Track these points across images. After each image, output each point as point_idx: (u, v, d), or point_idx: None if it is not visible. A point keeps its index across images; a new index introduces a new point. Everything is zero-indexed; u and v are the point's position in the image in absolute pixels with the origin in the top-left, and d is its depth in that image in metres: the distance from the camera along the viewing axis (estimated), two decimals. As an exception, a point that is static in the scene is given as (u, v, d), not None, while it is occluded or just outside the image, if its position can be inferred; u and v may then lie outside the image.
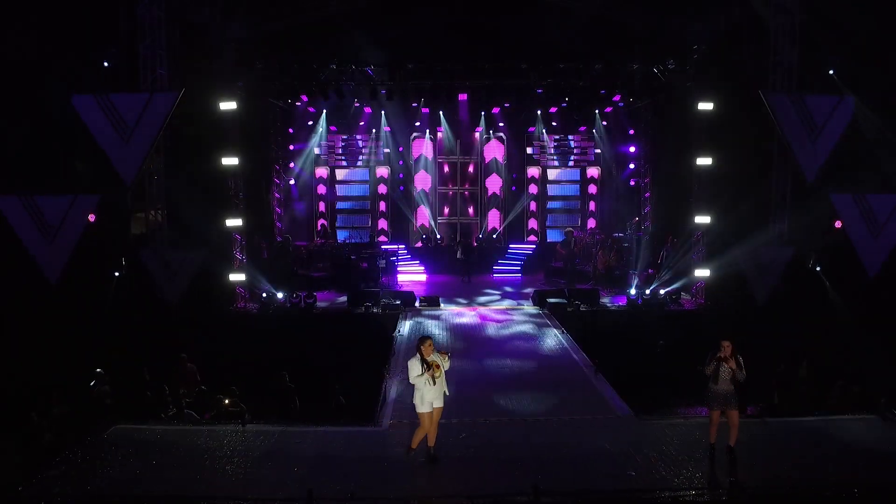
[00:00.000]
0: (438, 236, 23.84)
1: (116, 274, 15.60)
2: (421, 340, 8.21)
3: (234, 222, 16.75)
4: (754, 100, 15.38)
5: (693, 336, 14.54)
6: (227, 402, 11.38)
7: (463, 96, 20.32)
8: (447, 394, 8.28)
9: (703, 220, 17.00)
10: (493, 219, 24.26)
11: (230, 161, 16.53)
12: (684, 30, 17.31)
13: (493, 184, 24.19)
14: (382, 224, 24.09)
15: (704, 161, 16.84)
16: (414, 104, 21.73)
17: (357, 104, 22.21)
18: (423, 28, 17.91)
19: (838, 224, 15.88)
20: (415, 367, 8.03)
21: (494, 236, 23.85)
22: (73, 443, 8.78)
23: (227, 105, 16.33)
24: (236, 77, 16.81)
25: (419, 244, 23.70)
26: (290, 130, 22.57)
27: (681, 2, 16.92)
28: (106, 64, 15.66)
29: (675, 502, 7.31)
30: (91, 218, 15.07)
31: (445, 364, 8.22)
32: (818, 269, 16.29)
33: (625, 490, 7.67)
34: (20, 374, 11.93)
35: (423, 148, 23.83)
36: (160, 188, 16.11)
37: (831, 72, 15.91)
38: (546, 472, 7.97)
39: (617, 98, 20.33)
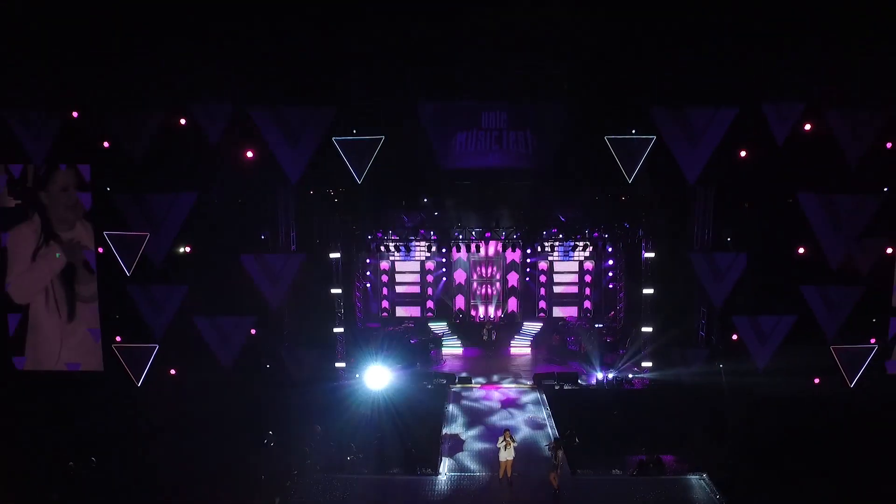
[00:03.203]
0: (472, 314, 32.63)
1: (268, 366, 24.77)
2: (506, 432, 17.18)
3: (338, 329, 25.82)
4: (682, 252, 23.86)
5: (639, 407, 22.91)
6: (349, 458, 20.03)
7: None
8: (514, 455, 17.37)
9: (647, 329, 25.39)
10: (512, 304, 32.96)
11: (336, 290, 25.62)
12: (637, 199, 25.74)
13: (512, 278, 32.96)
14: (430, 305, 33.01)
15: (648, 291, 25.26)
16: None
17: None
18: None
19: (735, 337, 24.18)
20: (500, 443, 17.06)
21: (507, 321, 32.50)
22: (291, 483, 17.57)
23: (335, 255, 25.46)
24: (339, 237, 25.90)
25: (457, 322, 32.49)
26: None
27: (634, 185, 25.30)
28: (262, 237, 24.87)
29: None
30: (252, 332, 24.25)
31: (513, 445, 17.25)
32: (721, 366, 24.49)
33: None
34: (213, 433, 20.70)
35: (460, 251, 32.64)
36: (293, 311, 25.27)
37: (728, 239, 24.19)
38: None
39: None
